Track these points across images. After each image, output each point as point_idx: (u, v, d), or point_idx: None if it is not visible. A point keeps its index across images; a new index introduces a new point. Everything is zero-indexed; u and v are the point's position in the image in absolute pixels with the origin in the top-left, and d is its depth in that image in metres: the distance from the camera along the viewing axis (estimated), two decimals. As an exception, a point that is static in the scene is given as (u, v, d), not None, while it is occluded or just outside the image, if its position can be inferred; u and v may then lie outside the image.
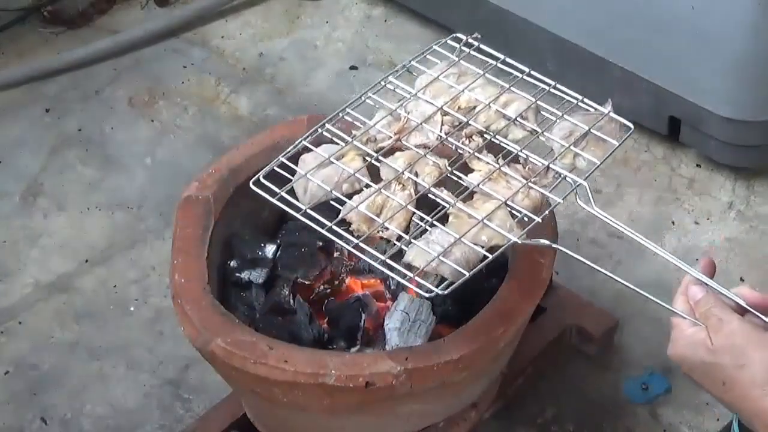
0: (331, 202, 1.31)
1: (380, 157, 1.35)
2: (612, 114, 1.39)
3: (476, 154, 1.35)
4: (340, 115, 1.40)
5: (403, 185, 1.32)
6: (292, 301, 1.56)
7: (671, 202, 2.21)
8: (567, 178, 1.32)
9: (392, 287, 1.60)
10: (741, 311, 1.09)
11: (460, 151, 1.36)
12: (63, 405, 1.88)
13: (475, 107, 1.41)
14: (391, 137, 1.37)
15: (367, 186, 1.32)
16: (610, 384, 1.88)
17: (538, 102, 1.41)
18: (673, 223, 2.16)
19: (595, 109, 1.41)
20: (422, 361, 1.39)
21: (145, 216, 2.22)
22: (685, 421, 1.83)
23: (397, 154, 1.36)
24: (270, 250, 1.62)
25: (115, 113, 2.46)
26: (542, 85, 1.44)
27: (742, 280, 2.04)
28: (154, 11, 2.77)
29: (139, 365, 1.94)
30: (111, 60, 2.60)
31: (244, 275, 1.60)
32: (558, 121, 1.40)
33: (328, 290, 1.60)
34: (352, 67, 2.57)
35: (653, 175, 2.26)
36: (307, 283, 1.59)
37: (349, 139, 1.36)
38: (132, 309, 2.04)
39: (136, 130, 2.40)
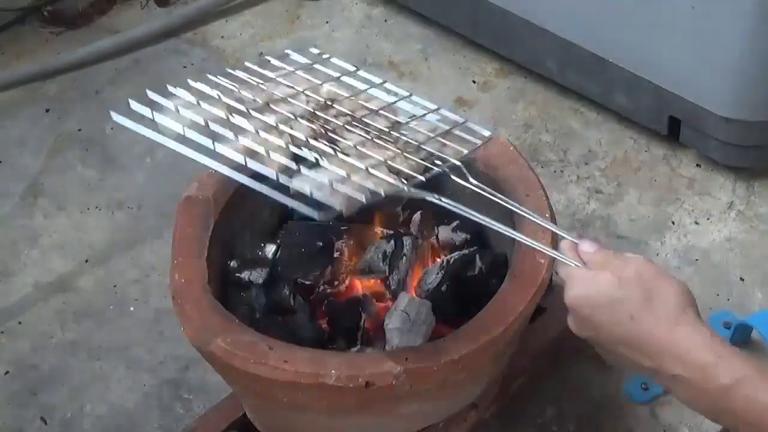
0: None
1: (251, 111, 1.32)
2: (469, 123, 1.41)
3: (347, 126, 1.34)
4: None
5: (280, 133, 1.29)
6: (292, 301, 1.56)
7: (671, 202, 2.21)
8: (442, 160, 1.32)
9: (392, 287, 1.60)
10: None
11: (328, 127, 1.35)
12: (63, 405, 1.88)
13: (335, 99, 1.41)
14: (259, 102, 1.35)
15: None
16: (610, 384, 1.88)
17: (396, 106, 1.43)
18: (673, 223, 2.16)
19: (453, 120, 1.43)
20: (422, 361, 1.39)
21: (145, 216, 2.22)
22: (685, 421, 1.83)
23: (267, 114, 1.34)
24: (270, 250, 1.62)
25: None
26: (401, 92, 1.45)
27: (742, 280, 2.04)
28: (154, 11, 2.77)
29: (139, 365, 1.94)
30: (111, 60, 2.60)
31: (244, 275, 1.60)
32: (419, 119, 1.41)
33: (329, 290, 1.60)
34: (352, 67, 2.57)
35: (653, 175, 2.26)
36: (307, 283, 1.59)
37: (217, 95, 1.33)
38: (132, 309, 2.04)
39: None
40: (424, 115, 1.41)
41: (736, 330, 1.90)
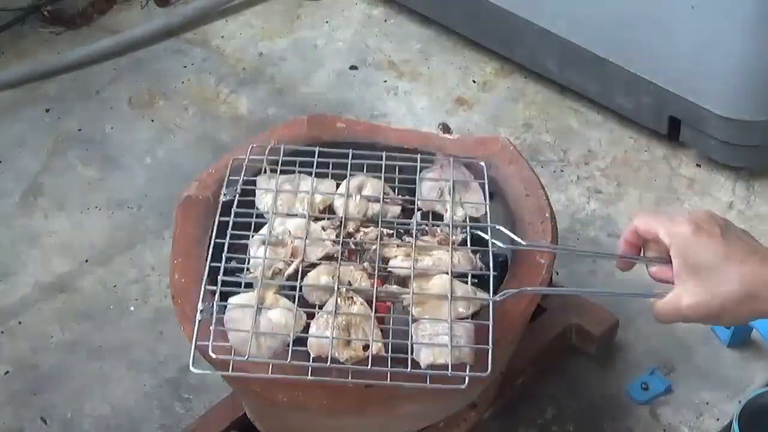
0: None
1: (301, 285, 1.31)
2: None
3: (384, 242, 1.37)
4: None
5: (352, 298, 1.30)
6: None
7: (671, 202, 2.21)
8: (478, 228, 1.39)
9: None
10: None
11: (361, 247, 1.38)
12: (63, 405, 1.88)
13: (331, 204, 1.43)
14: (292, 261, 1.34)
15: (313, 316, 1.29)
16: (610, 384, 1.88)
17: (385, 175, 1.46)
18: (673, 223, 2.16)
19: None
20: (422, 361, 1.38)
21: (145, 216, 2.22)
22: (685, 421, 1.83)
23: (309, 275, 1.34)
24: (270, 250, 1.62)
25: (115, 113, 2.46)
26: (373, 161, 1.47)
27: (742, 280, 2.04)
28: (154, 11, 2.77)
29: (139, 365, 1.94)
30: (111, 60, 2.60)
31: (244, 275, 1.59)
32: (421, 181, 1.46)
33: (328, 290, 1.60)
34: (352, 67, 2.57)
35: (653, 175, 2.26)
36: (306, 282, 1.58)
37: (256, 279, 1.32)
38: (132, 309, 2.04)
39: (136, 130, 2.40)
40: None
41: (736, 330, 1.90)
